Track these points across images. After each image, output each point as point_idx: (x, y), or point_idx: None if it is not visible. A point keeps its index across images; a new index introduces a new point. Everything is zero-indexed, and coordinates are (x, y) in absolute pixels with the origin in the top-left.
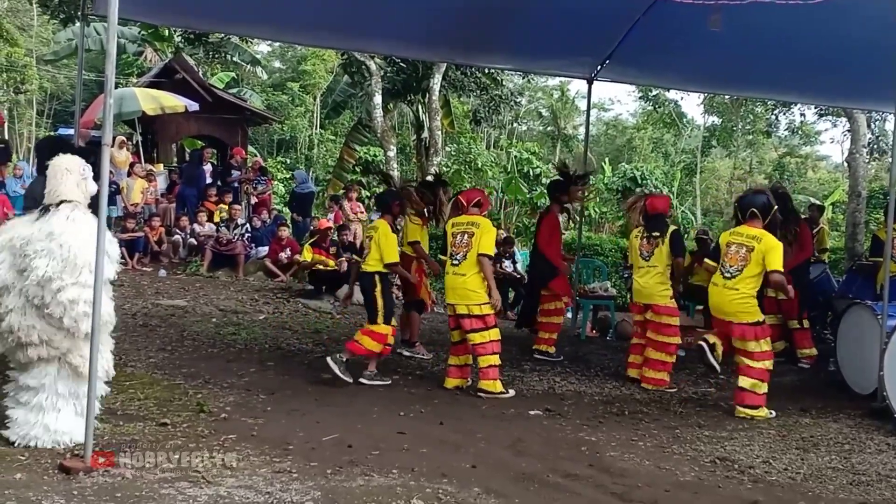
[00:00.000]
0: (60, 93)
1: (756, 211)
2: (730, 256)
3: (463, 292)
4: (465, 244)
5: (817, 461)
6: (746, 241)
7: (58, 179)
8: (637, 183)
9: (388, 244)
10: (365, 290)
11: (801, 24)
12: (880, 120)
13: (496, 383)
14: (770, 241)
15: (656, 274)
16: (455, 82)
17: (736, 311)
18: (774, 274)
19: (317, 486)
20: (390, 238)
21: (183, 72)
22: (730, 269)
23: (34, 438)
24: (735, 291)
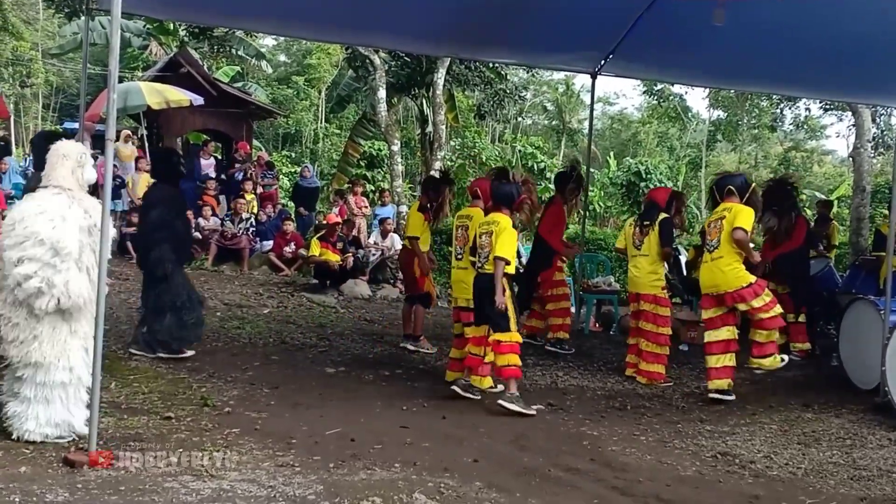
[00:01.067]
0: (66, 86)
1: (733, 188)
2: (710, 232)
3: (466, 285)
4: (464, 238)
5: (819, 456)
6: (721, 215)
7: (52, 165)
8: (641, 177)
9: (507, 239)
10: (487, 293)
11: (805, 19)
12: (885, 115)
13: (483, 380)
14: (739, 207)
15: (648, 263)
16: (459, 76)
17: (727, 279)
18: (737, 231)
19: (319, 479)
20: (513, 236)
21: (188, 66)
22: (711, 243)
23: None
24: (720, 259)
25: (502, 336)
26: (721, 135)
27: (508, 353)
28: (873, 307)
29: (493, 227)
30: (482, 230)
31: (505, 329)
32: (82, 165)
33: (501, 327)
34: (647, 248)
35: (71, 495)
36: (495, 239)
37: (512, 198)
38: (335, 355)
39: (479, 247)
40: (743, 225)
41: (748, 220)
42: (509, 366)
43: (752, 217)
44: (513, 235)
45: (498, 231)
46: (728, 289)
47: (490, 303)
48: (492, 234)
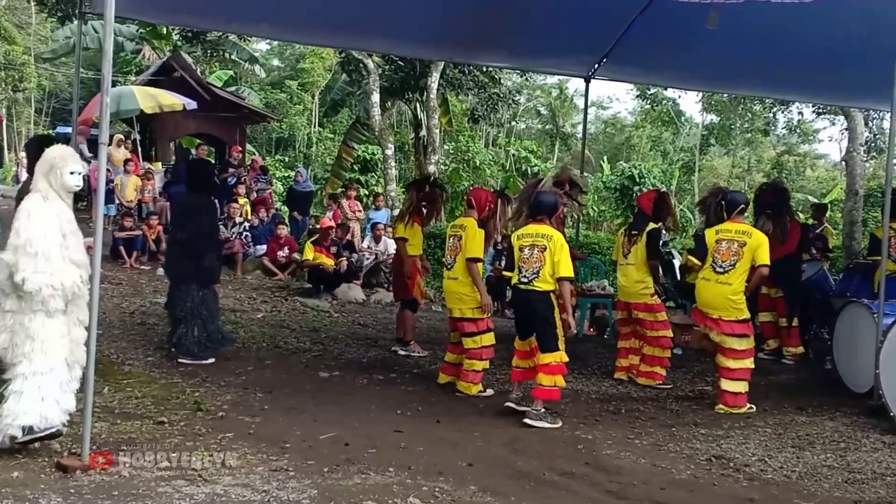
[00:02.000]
0: (59, 91)
1: (744, 207)
2: (721, 252)
3: (457, 296)
4: (454, 248)
5: (813, 459)
6: (737, 237)
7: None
8: (635, 181)
9: (567, 255)
10: (537, 312)
11: (799, 23)
12: (878, 118)
13: (472, 386)
14: (759, 237)
15: (634, 271)
16: (453, 80)
17: (726, 306)
18: (763, 268)
19: (313, 484)
20: (567, 249)
21: (181, 70)
22: (722, 265)
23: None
24: (728, 286)
25: (551, 357)
26: (714, 139)
27: (556, 375)
28: (867, 310)
29: (544, 241)
30: (525, 243)
31: (554, 349)
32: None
33: (551, 348)
34: (633, 258)
35: (64, 500)
36: (552, 256)
37: (556, 207)
38: (329, 359)
39: (521, 261)
40: (766, 261)
41: (767, 254)
42: (555, 387)
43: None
44: (568, 249)
45: (554, 248)
46: (724, 316)
47: (539, 321)
48: (545, 249)
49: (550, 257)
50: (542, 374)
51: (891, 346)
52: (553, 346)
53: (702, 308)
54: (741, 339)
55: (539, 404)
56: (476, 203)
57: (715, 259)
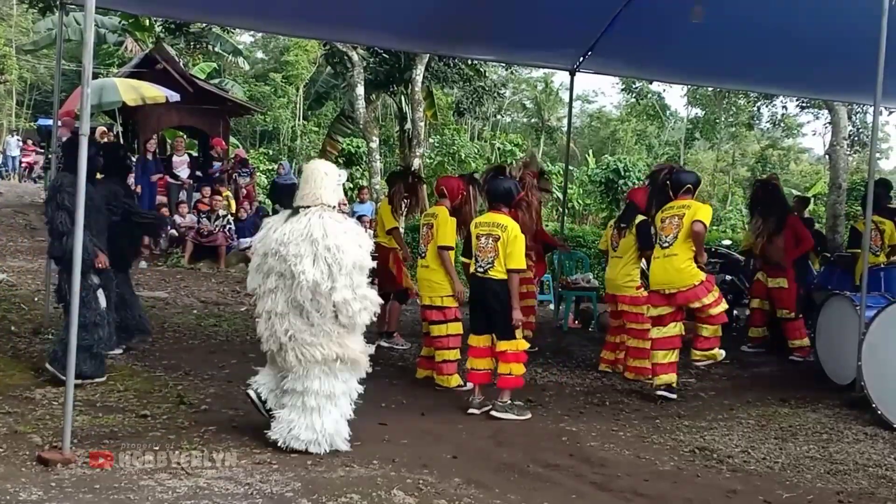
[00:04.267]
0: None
1: (690, 186)
2: (664, 229)
3: (428, 283)
4: (426, 236)
5: (795, 451)
6: (678, 212)
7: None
8: (620, 175)
9: (520, 247)
10: (495, 300)
11: (783, 17)
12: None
13: (450, 378)
14: (698, 204)
15: (623, 265)
16: (438, 73)
17: (681, 277)
18: (697, 223)
19: (297, 476)
20: (521, 239)
21: (164, 62)
22: (666, 239)
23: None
24: (675, 257)
25: (508, 345)
26: (699, 133)
27: (513, 363)
28: (849, 303)
29: (497, 231)
30: (481, 231)
31: (511, 337)
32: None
33: (507, 335)
34: (622, 251)
35: (45, 494)
36: (504, 247)
37: (512, 195)
38: None
39: (477, 249)
40: (703, 219)
41: (708, 216)
42: (511, 375)
43: (709, 211)
44: (522, 241)
45: (507, 238)
46: (681, 286)
47: (496, 309)
48: (498, 239)
49: (503, 248)
50: (501, 362)
51: (873, 338)
52: (510, 334)
53: (656, 288)
54: (710, 293)
55: (505, 395)
56: (448, 191)
57: (660, 237)
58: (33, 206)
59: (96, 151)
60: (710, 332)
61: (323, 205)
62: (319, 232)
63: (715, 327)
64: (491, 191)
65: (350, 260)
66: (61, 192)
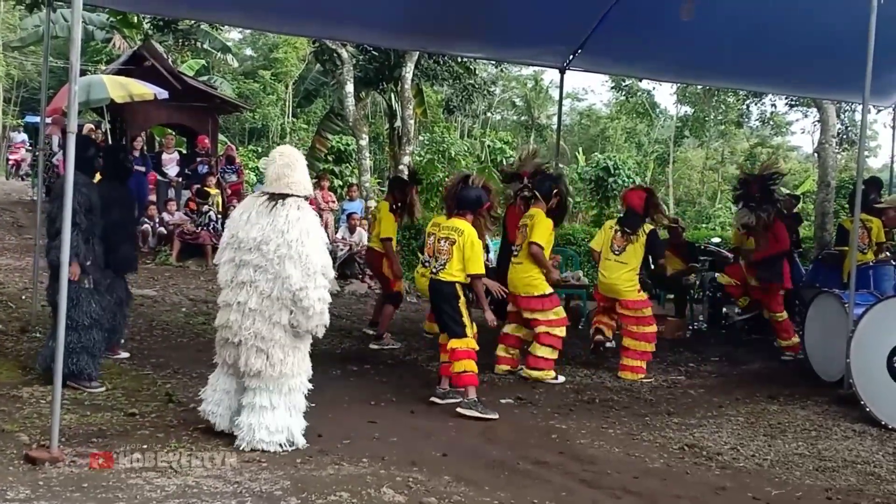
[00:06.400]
0: (28, 80)
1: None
2: (518, 235)
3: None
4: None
5: (784, 448)
6: (525, 221)
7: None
8: (610, 173)
9: (477, 252)
10: (444, 301)
11: (772, 15)
12: (850, 111)
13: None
14: (540, 217)
15: (627, 271)
16: (428, 71)
17: (521, 284)
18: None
19: (286, 475)
20: (478, 244)
21: (152, 59)
22: (517, 247)
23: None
24: (520, 266)
25: (458, 343)
26: (688, 131)
27: (465, 360)
28: (838, 301)
29: (455, 235)
30: (442, 235)
31: (461, 335)
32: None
33: (457, 334)
34: (626, 257)
35: (32, 492)
36: (461, 251)
37: (480, 203)
38: None
39: (436, 251)
40: (539, 240)
41: (545, 235)
42: (466, 372)
43: (550, 229)
44: (479, 246)
45: (464, 243)
46: (522, 293)
47: (444, 309)
48: (454, 242)
49: (459, 252)
50: (453, 361)
51: (861, 335)
52: (459, 332)
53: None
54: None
55: (470, 392)
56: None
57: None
58: (20, 204)
59: (97, 152)
60: (544, 351)
61: (307, 195)
62: (295, 232)
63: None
64: (460, 198)
65: (319, 263)
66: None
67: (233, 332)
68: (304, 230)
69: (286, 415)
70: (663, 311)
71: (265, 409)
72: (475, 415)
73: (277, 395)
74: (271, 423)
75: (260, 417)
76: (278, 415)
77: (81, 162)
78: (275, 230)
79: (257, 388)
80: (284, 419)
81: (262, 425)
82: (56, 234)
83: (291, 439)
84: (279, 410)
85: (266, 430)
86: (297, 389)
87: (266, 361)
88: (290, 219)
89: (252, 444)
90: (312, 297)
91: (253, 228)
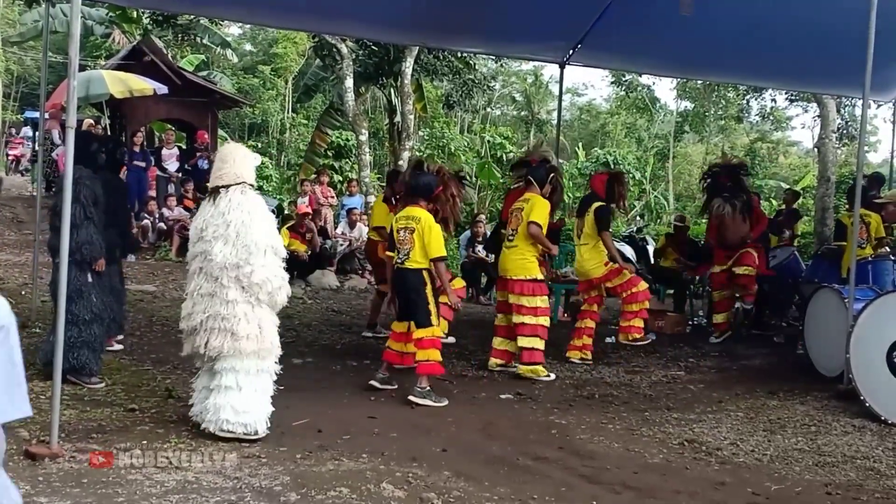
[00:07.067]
0: (27, 75)
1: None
2: (511, 221)
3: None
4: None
5: (784, 443)
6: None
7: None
8: (610, 168)
9: (436, 236)
10: (411, 290)
11: (772, 10)
12: (850, 106)
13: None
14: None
15: (587, 251)
16: (427, 66)
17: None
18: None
19: (286, 470)
20: (436, 229)
21: (151, 54)
22: (510, 232)
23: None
24: (515, 248)
25: (424, 332)
26: (688, 126)
27: (429, 349)
28: (838, 296)
29: (413, 223)
30: (400, 225)
31: (426, 325)
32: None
33: (423, 323)
34: (585, 237)
35: (32, 488)
36: (420, 238)
37: (431, 189)
38: (302, 346)
39: (398, 242)
40: (537, 219)
41: (543, 214)
42: (428, 361)
43: (548, 210)
44: (438, 230)
45: (422, 229)
46: (513, 276)
47: (411, 298)
48: (413, 230)
49: (419, 239)
50: (418, 349)
51: (861, 330)
52: (425, 321)
53: (501, 274)
54: (532, 297)
55: (423, 381)
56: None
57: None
58: (20, 200)
59: (99, 146)
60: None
61: (244, 183)
62: (236, 213)
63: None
64: (411, 185)
65: (265, 241)
66: (77, 185)
67: (191, 319)
68: (245, 211)
69: (252, 396)
70: (663, 306)
71: (230, 389)
72: (428, 403)
73: (244, 375)
74: (237, 403)
75: (225, 397)
76: (244, 395)
77: (84, 156)
78: (216, 214)
79: (223, 369)
80: (250, 400)
81: (227, 405)
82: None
83: (255, 424)
84: (245, 391)
85: (232, 409)
86: (265, 371)
87: (230, 338)
88: (233, 203)
89: (218, 425)
90: (261, 274)
91: (199, 219)
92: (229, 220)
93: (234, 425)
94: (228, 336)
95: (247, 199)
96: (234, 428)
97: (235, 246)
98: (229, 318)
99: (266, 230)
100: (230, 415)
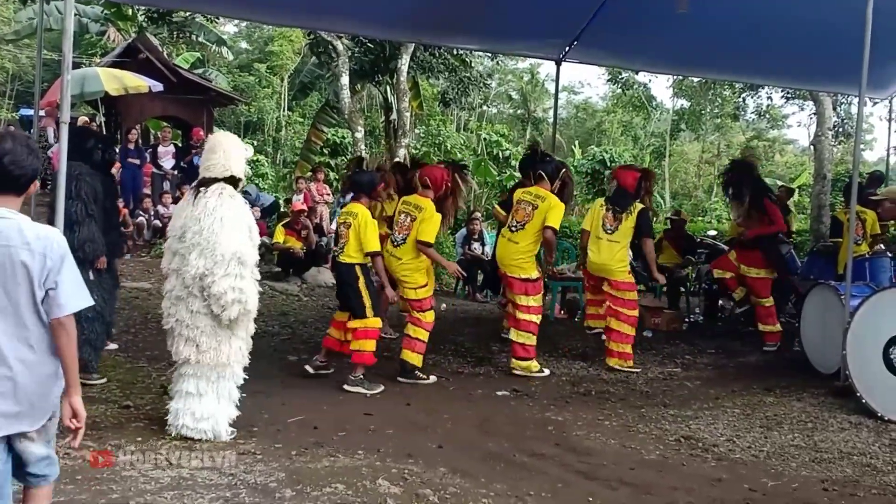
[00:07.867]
0: (22, 73)
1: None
2: (517, 210)
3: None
4: (405, 225)
5: (780, 439)
6: (535, 202)
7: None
8: (606, 166)
9: (371, 232)
10: (345, 282)
11: (768, 7)
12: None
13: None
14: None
15: (619, 250)
16: (423, 63)
17: (511, 263)
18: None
19: (281, 467)
20: (371, 225)
21: (147, 52)
22: (515, 223)
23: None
24: (517, 245)
25: (358, 323)
26: (685, 124)
27: (363, 339)
28: (834, 292)
29: (350, 218)
30: (341, 220)
31: (361, 316)
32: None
33: (358, 314)
34: (619, 236)
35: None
36: (356, 233)
37: (373, 185)
38: (298, 343)
39: (338, 235)
40: (554, 224)
41: (559, 218)
42: (362, 351)
43: (562, 213)
44: (374, 226)
45: (358, 225)
46: (509, 273)
47: (346, 290)
48: (349, 225)
49: (355, 234)
50: (353, 339)
51: (857, 327)
52: (360, 312)
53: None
54: (525, 296)
55: (358, 370)
56: (431, 182)
57: (511, 218)
58: None
59: (96, 143)
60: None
61: (234, 176)
62: (208, 221)
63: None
64: (353, 182)
65: (230, 250)
66: (78, 182)
67: (166, 320)
68: (218, 218)
69: (214, 402)
70: (660, 302)
71: (191, 396)
72: (361, 391)
73: (205, 381)
74: (197, 409)
75: (186, 403)
76: (205, 402)
77: (82, 153)
78: (193, 218)
79: (185, 374)
80: (211, 407)
81: (187, 411)
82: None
83: (214, 430)
84: (207, 398)
85: (192, 416)
86: (228, 378)
87: (195, 349)
88: (209, 207)
89: (178, 430)
90: (222, 284)
91: (179, 218)
92: (203, 226)
93: (194, 431)
94: (193, 346)
95: (221, 203)
96: (193, 434)
97: (205, 256)
98: (193, 329)
99: (235, 238)
100: (189, 421)
